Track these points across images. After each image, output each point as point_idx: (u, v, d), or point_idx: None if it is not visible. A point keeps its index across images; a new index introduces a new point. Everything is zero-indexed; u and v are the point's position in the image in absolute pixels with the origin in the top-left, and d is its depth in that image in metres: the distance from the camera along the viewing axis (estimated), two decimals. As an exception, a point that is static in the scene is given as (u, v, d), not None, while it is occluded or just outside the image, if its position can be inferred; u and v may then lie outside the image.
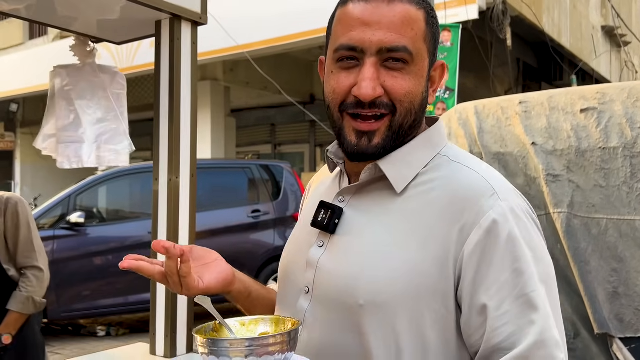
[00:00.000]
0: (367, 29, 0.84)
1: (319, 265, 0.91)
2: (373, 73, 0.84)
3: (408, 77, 0.86)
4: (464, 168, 0.88)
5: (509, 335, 0.79)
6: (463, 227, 0.82)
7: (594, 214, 1.83)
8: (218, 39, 7.26)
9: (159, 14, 1.31)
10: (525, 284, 0.80)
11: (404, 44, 0.84)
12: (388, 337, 0.83)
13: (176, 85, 1.29)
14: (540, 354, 0.78)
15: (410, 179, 0.88)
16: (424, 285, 0.82)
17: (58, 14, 1.40)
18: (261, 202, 6.35)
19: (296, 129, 12.02)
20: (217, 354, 0.76)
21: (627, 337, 1.74)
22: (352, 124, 0.87)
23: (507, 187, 0.87)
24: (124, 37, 1.53)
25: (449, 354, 0.84)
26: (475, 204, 0.83)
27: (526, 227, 0.84)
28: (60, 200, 5.76)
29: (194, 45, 1.34)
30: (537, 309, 0.79)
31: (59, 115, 1.45)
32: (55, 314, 5.40)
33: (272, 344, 0.76)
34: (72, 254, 5.54)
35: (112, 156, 1.44)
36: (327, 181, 1.03)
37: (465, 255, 0.81)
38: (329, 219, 0.91)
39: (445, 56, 5.16)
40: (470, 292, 0.81)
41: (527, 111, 2.03)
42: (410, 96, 0.86)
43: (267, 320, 0.87)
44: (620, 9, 10.54)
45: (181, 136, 1.29)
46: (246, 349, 0.75)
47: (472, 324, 0.81)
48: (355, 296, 0.84)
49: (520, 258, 0.81)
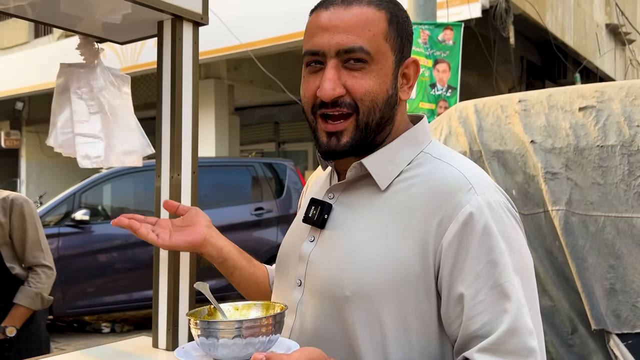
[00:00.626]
0: (326, 34, 0.90)
1: (309, 259, 0.96)
2: (333, 74, 0.89)
3: (368, 76, 0.90)
4: (444, 164, 0.92)
5: (484, 324, 0.83)
6: (441, 220, 0.87)
7: (591, 212, 1.85)
8: (222, 37, 7.28)
9: (161, 15, 1.34)
10: (500, 274, 0.84)
11: (360, 44, 0.88)
12: (373, 327, 0.88)
13: (178, 84, 1.31)
14: (513, 341, 0.82)
15: (394, 176, 0.93)
16: (406, 277, 0.87)
17: (63, 14, 1.42)
18: (264, 199, 6.38)
19: (300, 127, 12.04)
20: (206, 335, 0.82)
21: (623, 333, 1.75)
22: (322, 126, 0.93)
23: (485, 182, 0.91)
24: (127, 37, 1.56)
25: (431, 342, 0.88)
26: (453, 198, 0.87)
27: (502, 220, 0.87)
28: (65, 197, 5.80)
29: (195, 45, 1.36)
30: (510, 299, 0.83)
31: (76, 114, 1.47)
32: (61, 310, 5.44)
33: (257, 325, 0.82)
34: (77, 251, 5.58)
35: (131, 157, 1.46)
36: (321, 179, 1.09)
37: (443, 247, 0.86)
38: (319, 215, 0.96)
39: (448, 54, 5.17)
40: (448, 282, 0.86)
41: (526, 109, 2.05)
42: (371, 94, 0.90)
43: (258, 305, 0.94)
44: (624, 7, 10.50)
45: (183, 134, 1.32)
46: (233, 330, 0.81)
47: (451, 313, 0.86)
48: (342, 287, 0.89)
49: (495, 249, 0.85)
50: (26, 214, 2.30)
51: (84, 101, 1.49)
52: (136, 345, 1.40)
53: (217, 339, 0.81)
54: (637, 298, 1.75)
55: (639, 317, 1.74)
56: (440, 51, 5.14)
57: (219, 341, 0.81)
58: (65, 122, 1.50)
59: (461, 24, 5.34)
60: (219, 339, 0.81)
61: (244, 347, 0.82)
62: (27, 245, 2.31)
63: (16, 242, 2.30)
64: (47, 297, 2.35)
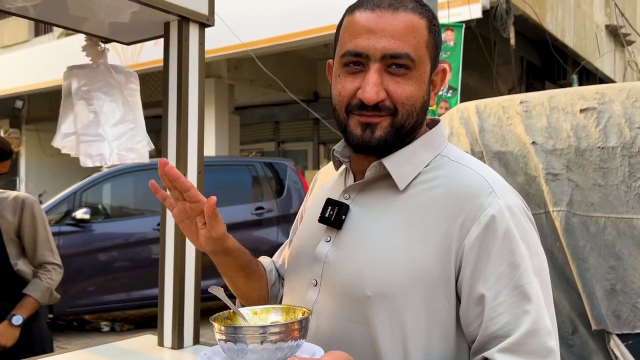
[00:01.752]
0: (372, 36, 0.89)
1: (326, 259, 0.96)
2: (377, 78, 0.89)
3: (410, 82, 0.91)
4: (464, 167, 0.94)
5: (504, 324, 0.84)
6: (463, 223, 0.88)
7: (592, 213, 1.86)
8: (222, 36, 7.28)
9: (167, 16, 1.35)
10: (521, 276, 0.86)
11: (406, 51, 0.89)
12: (394, 327, 0.89)
13: (184, 85, 1.33)
14: (534, 341, 0.84)
15: (413, 177, 0.94)
16: (426, 277, 0.88)
17: (69, 14, 1.44)
18: (265, 199, 6.38)
19: (300, 127, 12.03)
20: (234, 340, 0.80)
21: (624, 333, 1.77)
22: (357, 119, 0.92)
23: (504, 185, 0.93)
24: (133, 37, 1.57)
25: (448, 343, 0.89)
26: (475, 201, 0.88)
27: (521, 223, 0.89)
28: (66, 196, 5.80)
29: (201, 46, 1.38)
30: (530, 300, 0.85)
31: (79, 114, 1.48)
32: (61, 309, 5.44)
33: (286, 331, 0.81)
34: (77, 250, 5.57)
35: (132, 154, 1.47)
36: (332, 179, 1.08)
37: (465, 248, 0.87)
38: (336, 215, 0.96)
39: (449, 55, 5.18)
40: (469, 283, 0.87)
41: (527, 111, 2.06)
42: (412, 100, 0.91)
43: (277, 309, 0.93)
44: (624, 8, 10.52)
45: (189, 134, 1.33)
46: (261, 335, 0.80)
47: (471, 314, 0.87)
48: (363, 287, 0.90)
49: (516, 252, 0.87)
50: (36, 214, 2.35)
51: (85, 101, 1.51)
52: (142, 343, 1.42)
53: (247, 344, 0.80)
54: (637, 299, 1.76)
55: (639, 318, 1.75)
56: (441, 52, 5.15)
57: (249, 347, 0.80)
58: (69, 124, 1.52)
59: (462, 25, 5.35)
60: (249, 344, 0.80)
61: (274, 352, 0.81)
62: (38, 243, 2.35)
63: (27, 241, 2.34)
64: (55, 294, 2.37)
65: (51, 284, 2.35)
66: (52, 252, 2.39)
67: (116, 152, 1.49)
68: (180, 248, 1.33)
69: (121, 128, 1.50)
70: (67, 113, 1.48)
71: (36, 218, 2.33)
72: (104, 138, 1.48)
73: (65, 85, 1.50)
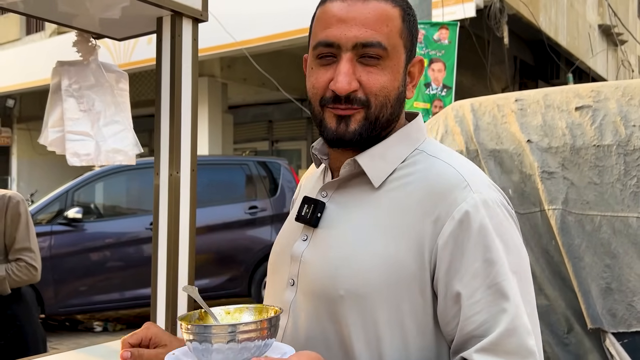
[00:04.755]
0: (342, 26, 0.87)
1: (302, 258, 0.94)
2: (349, 68, 0.87)
3: (383, 72, 0.89)
4: (439, 162, 0.91)
5: (481, 323, 0.82)
6: (437, 219, 0.85)
7: (588, 211, 1.85)
8: (215, 35, 7.25)
9: (160, 11, 1.33)
10: (497, 273, 0.83)
11: (378, 40, 0.87)
12: (368, 327, 0.86)
13: (177, 81, 1.31)
14: (512, 341, 0.81)
15: (388, 174, 0.91)
16: (401, 276, 0.85)
17: (60, 9, 1.41)
18: (258, 198, 6.36)
19: (293, 126, 12.02)
20: (199, 340, 0.78)
21: (619, 332, 1.76)
22: (331, 112, 0.90)
23: (481, 180, 0.90)
24: (125, 33, 1.55)
25: (426, 342, 0.87)
26: (449, 196, 0.86)
27: (498, 218, 0.86)
28: (58, 195, 5.76)
29: (194, 42, 1.36)
30: (507, 298, 0.82)
31: (68, 111, 1.46)
32: (53, 309, 5.40)
33: (252, 330, 0.79)
34: (69, 250, 5.54)
35: (120, 156, 1.45)
36: (314, 177, 1.06)
37: (439, 245, 0.85)
38: (312, 213, 0.94)
39: (443, 54, 5.18)
40: (445, 281, 0.84)
41: (522, 109, 2.06)
42: (385, 90, 0.89)
43: (251, 309, 0.90)
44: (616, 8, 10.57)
45: (182, 131, 1.31)
46: (227, 334, 0.78)
47: (448, 313, 0.85)
48: (336, 287, 0.87)
49: (492, 248, 0.84)
50: (21, 213, 2.35)
51: (75, 99, 1.48)
52: (134, 344, 1.40)
53: (211, 344, 0.78)
54: (632, 297, 1.76)
55: (634, 316, 1.75)
56: (435, 50, 5.14)
57: (213, 346, 0.78)
58: (56, 121, 1.50)
59: (457, 23, 5.35)
60: (213, 344, 0.78)
61: (239, 352, 0.78)
62: (16, 241, 2.34)
63: (7, 238, 2.33)
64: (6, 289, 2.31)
65: (11, 276, 2.30)
66: (30, 252, 2.36)
67: (104, 152, 1.46)
68: (173, 248, 1.31)
69: (111, 128, 1.48)
70: (54, 109, 1.45)
71: (20, 216, 2.33)
72: (92, 137, 1.46)
73: (54, 81, 1.48)
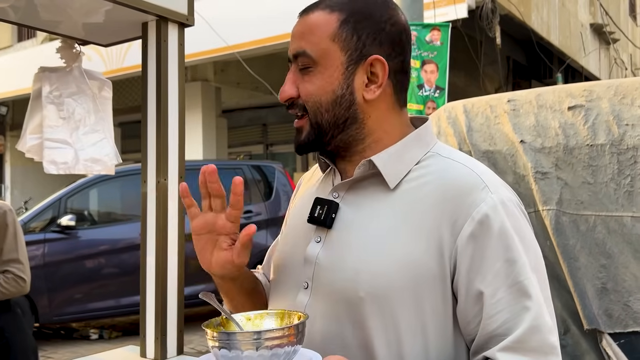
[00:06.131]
0: (290, 41, 0.95)
1: (317, 260, 0.93)
2: (290, 77, 0.94)
3: (314, 78, 0.92)
4: (455, 163, 0.92)
5: (503, 322, 0.83)
6: (457, 220, 0.86)
7: (582, 211, 1.84)
8: (208, 39, 7.24)
9: (145, 16, 1.31)
10: (518, 272, 0.84)
11: (303, 49, 0.92)
12: (388, 327, 0.86)
13: (163, 87, 1.29)
14: (535, 338, 0.82)
15: (403, 175, 0.92)
16: (421, 276, 0.86)
17: (43, 16, 1.39)
18: (253, 202, 6.34)
19: (288, 129, 11.99)
20: (229, 347, 0.77)
21: (616, 332, 1.75)
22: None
23: (497, 180, 0.91)
24: (111, 39, 1.53)
25: (446, 342, 0.87)
26: (468, 197, 0.86)
27: (516, 219, 0.88)
28: (51, 203, 5.72)
29: (181, 47, 1.34)
30: (530, 296, 0.83)
31: (47, 118, 1.44)
32: (47, 317, 5.36)
33: (283, 336, 0.78)
34: (63, 257, 5.50)
35: (98, 166, 1.43)
36: (318, 180, 1.05)
37: (459, 246, 0.85)
38: (326, 214, 0.93)
39: (435, 55, 5.17)
40: (466, 281, 0.85)
41: (515, 109, 2.04)
42: (313, 97, 0.92)
43: (272, 314, 0.89)
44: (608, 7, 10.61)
45: (169, 138, 1.29)
46: (257, 341, 0.76)
47: (469, 312, 0.85)
48: (355, 289, 0.87)
49: (512, 248, 0.85)
50: (9, 223, 2.33)
51: (55, 106, 1.46)
52: (124, 355, 1.37)
53: (242, 352, 0.76)
54: (628, 297, 1.74)
55: (630, 316, 1.74)
56: (427, 52, 5.14)
57: (244, 353, 0.76)
58: (35, 127, 1.47)
59: (449, 24, 5.35)
60: (244, 351, 0.76)
61: (270, 359, 0.77)
62: (3, 251, 2.32)
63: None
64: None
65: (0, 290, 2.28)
66: (18, 263, 2.34)
67: (82, 161, 1.44)
68: (162, 255, 1.29)
69: (90, 137, 1.45)
70: (34, 116, 1.43)
71: (8, 227, 2.31)
72: (71, 146, 1.43)
73: (36, 88, 1.45)
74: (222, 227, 0.91)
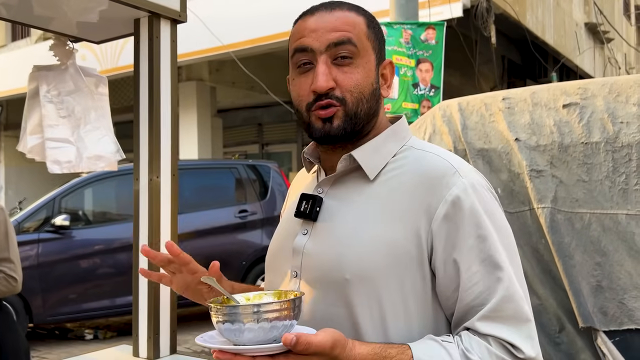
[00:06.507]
0: (314, 33, 0.98)
1: (304, 250, 1.00)
2: (325, 68, 0.97)
3: (356, 70, 0.98)
4: (428, 154, 1.01)
5: (479, 293, 0.91)
6: (431, 203, 0.94)
7: (577, 209, 1.84)
8: (203, 38, 7.22)
9: (137, 12, 1.30)
10: (489, 247, 0.93)
11: (348, 37, 0.97)
12: (372, 306, 0.93)
13: (156, 84, 1.27)
14: (510, 307, 0.91)
15: (381, 167, 1.00)
16: (400, 257, 0.93)
17: (35, 13, 1.38)
18: (248, 202, 6.32)
19: (283, 129, 11.98)
20: (231, 320, 0.82)
21: (611, 330, 1.75)
22: (316, 114, 0.99)
23: (467, 167, 1.00)
24: (103, 36, 1.51)
25: (427, 317, 0.95)
26: (440, 182, 0.95)
27: (486, 200, 0.96)
28: (45, 203, 5.69)
29: (173, 43, 1.32)
30: (501, 268, 0.92)
31: (47, 118, 1.42)
32: (41, 318, 5.33)
33: (281, 309, 0.83)
34: (57, 257, 5.47)
35: (102, 163, 1.42)
36: (306, 180, 1.13)
37: (435, 226, 0.93)
38: (311, 208, 1.01)
39: (430, 54, 5.16)
40: (443, 258, 0.93)
41: (510, 107, 2.04)
42: (359, 87, 0.98)
43: (269, 294, 0.95)
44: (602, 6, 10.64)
45: (161, 135, 1.28)
46: (257, 314, 0.82)
47: (449, 287, 0.93)
48: (342, 271, 0.94)
49: (482, 226, 0.93)
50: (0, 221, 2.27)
51: (54, 105, 1.45)
52: (116, 355, 1.36)
53: (244, 324, 0.82)
54: (623, 295, 1.74)
55: (626, 314, 1.73)
56: (422, 50, 5.13)
57: (245, 325, 0.81)
58: (35, 127, 1.46)
59: (444, 23, 5.34)
60: (245, 323, 0.81)
61: (269, 331, 0.82)
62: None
63: None
64: None
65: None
66: (9, 262, 2.32)
67: (85, 159, 1.43)
68: (154, 254, 1.27)
69: (92, 134, 1.44)
70: (32, 115, 1.41)
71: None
72: (73, 144, 1.42)
73: (32, 87, 1.44)
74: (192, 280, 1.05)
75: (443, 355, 0.88)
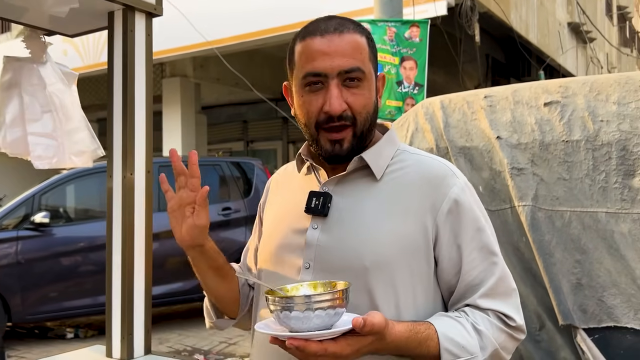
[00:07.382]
0: (326, 58, 1.06)
1: (318, 243, 1.09)
2: (338, 92, 1.06)
3: (363, 91, 1.09)
4: (425, 158, 1.16)
5: (478, 274, 1.09)
6: (436, 200, 1.09)
7: (557, 207, 1.84)
8: (187, 35, 7.15)
9: (111, 5, 1.26)
10: (485, 237, 1.11)
11: (357, 65, 1.07)
12: (388, 291, 1.06)
13: (130, 78, 1.24)
14: (503, 285, 1.10)
15: (385, 168, 1.13)
16: (410, 246, 1.07)
17: (7, 2, 1.34)
18: (232, 199, 6.27)
19: (268, 126, 11.93)
20: (302, 309, 0.90)
21: (590, 327, 1.76)
22: (326, 136, 1.09)
23: (457, 168, 1.17)
24: (76, 29, 1.47)
25: (428, 299, 1.10)
26: (442, 182, 1.10)
27: (476, 197, 1.15)
28: (24, 200, 5.60)
29: (148, 37, 1.29)
30: (495, 254, 1.11)
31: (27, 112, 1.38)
32: (20, 316, 5.25)
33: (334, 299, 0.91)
34: (37, 255, 5.39)
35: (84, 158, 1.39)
36: (297, 178, 1.20)
37: (440, 220, 1.08)
38: (322, 205, 1.10)
39: (414, 52, 5.16)
40: (448, 247, 1.09)
41: (492, 105, 2.04)
42: (367, 107, 1.10)
43: (305, 286, 1.02)
44: (585, 6, 10.75)
45: (136, 131, 1.25)
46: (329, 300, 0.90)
47: (452, 271, 1.09)
48: (362, 259, 1.06)
49: (479, 219, 1.11)
50: None
51: (36, 98, 1.41)
52: (89, 355, 1.33)
53: (313, 311, 0.89)
54: (603, 292, 1.75)
55: (605, 312, 1.74)
56: (406, 48, 5.12)
57: (315, 313, 0.89)
58: (14, 120, 1.41)
59: (428, 21, 5.34)
60: (315, 310, 0.89)
61: (333, 317, 0.91)
62: None
63: None
64: None
65: None
66: None
67: (68, 154, 1.39)
68: (128, 253, 1.24)
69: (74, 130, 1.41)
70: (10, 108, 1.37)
71: None
72: (55, 139, 1.38)
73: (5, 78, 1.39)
74: (186, 197, 1.08)
75: (459, 327, 1.03)
